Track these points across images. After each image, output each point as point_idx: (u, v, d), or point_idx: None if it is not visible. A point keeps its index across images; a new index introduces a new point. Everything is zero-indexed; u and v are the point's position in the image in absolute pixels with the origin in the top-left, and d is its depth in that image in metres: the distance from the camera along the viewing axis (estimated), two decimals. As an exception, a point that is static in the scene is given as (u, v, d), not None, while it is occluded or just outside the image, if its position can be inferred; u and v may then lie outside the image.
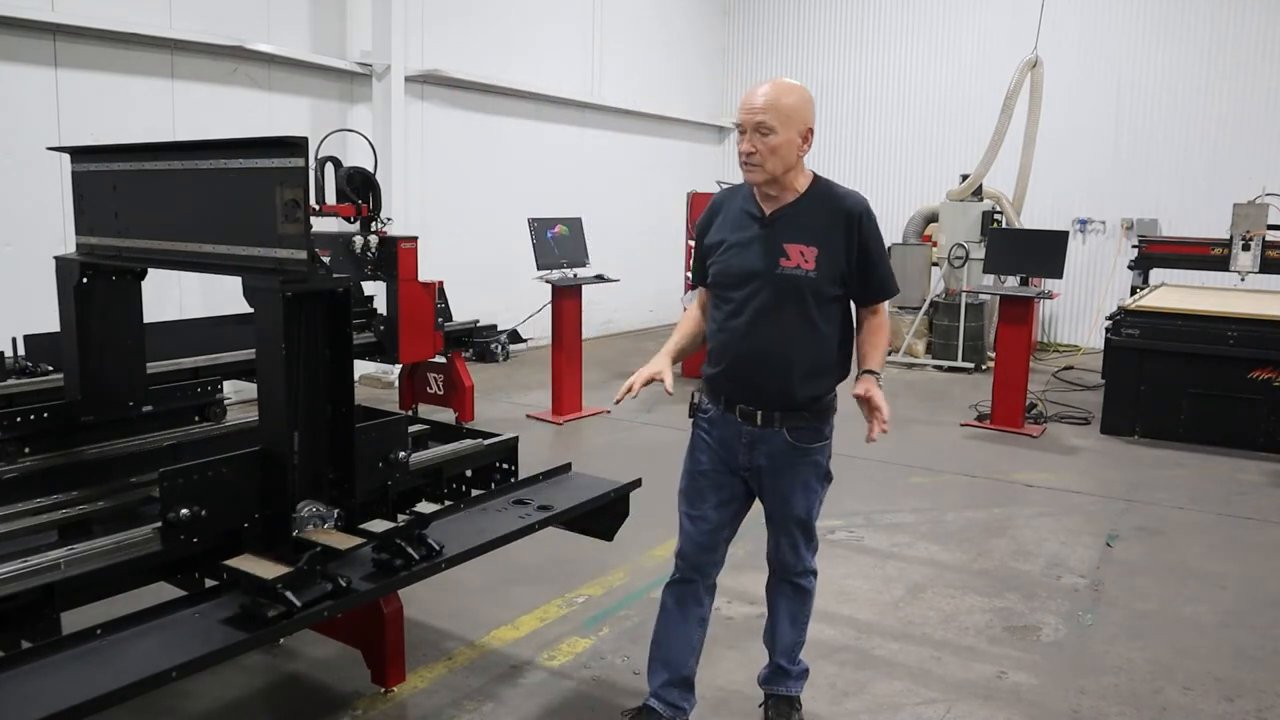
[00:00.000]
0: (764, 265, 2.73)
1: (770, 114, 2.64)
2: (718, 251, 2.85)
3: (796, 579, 3.04)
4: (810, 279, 2.69)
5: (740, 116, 2.70)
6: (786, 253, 2.71)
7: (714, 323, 2.87)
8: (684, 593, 2.97)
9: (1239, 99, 10.67)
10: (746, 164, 2.69)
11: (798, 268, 2.70)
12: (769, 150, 2.65)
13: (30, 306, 4.42)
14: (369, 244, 4.92)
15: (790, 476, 2.84)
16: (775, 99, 2.65)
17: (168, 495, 2.42)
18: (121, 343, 3.26)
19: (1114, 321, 7.49)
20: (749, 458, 2.83)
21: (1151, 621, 4.06)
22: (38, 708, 1.90)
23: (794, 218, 2.75)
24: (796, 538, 2.96)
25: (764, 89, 2.67)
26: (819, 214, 2.74)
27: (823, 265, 2.70)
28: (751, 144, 2.66)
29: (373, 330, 5.11)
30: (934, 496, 5.69)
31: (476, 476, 3.61)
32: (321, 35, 8.31)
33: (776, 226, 2.75)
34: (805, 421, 2.80)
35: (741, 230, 2.81)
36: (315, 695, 3.31)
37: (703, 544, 2.92)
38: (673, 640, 2.99)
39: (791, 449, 2.80)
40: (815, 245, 2.70)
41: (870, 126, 12.62)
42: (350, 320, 2.72)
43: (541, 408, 7.62)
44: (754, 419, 2.79)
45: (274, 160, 2.48)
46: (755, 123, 2.65)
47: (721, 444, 2.87)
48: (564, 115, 11.05)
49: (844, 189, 2.81)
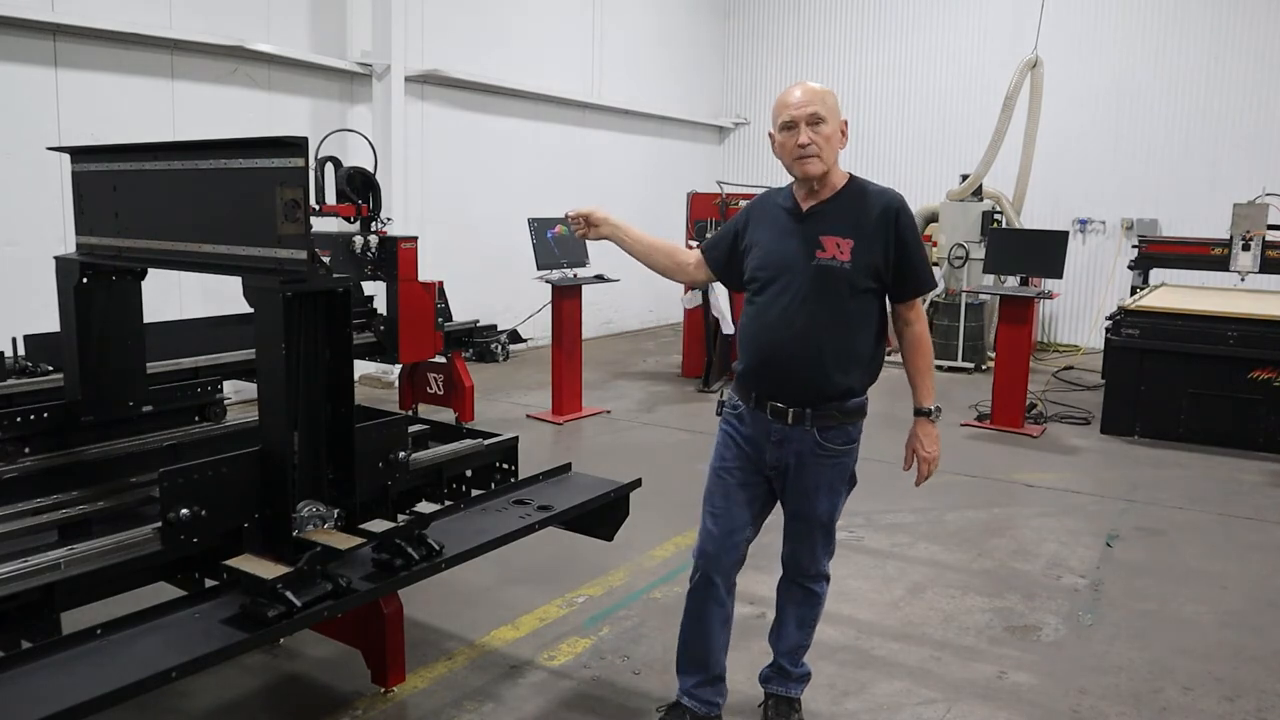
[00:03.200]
0: (801, 256, 2.75)
1: (819, 105, 2.70)
2: (755, 246, 2.87)
3: (809, 583, 3.03)
4: (845, 270, 2.71)
5: (788, 114, 2.72)
6: (823, 244, 2.73)
7: (746, 318, 2.88)
8: (706, 596, 2.95)
9: (1239, 99, 10.67)
10: (804, 156, 2.71)
11: (833, 259, 2.72)
12: (824, 140, 2.70)
13: (30, 306, 4.42)
14: (369, 244, 4.91)
15: (816, 477, 2.83)
16: (818, 92, 2.73)
17: (168, 495, 2.42)
18: (121, 343, 3.25)
19: (1114, 321, 7.49)
20: (777, 455, 2.82)
21: (1151, 621, 4.06)
22: (38, 708, 1.90)
23: (831, 212, 2.78)
24: (816, 540, 2.95)
25: (801, 87, 2.74)
26: (856, 208, 2.77)
27: (858, 257, 2.71)
28: (808, 135, 2.69)
29: (373, 330, 5.09)
30: (934, 496, 5.68)
31: (476, 476, 3.61)
32: (321, 35, 8.31)
33: (814, 220, 2.78)
34: (836, 421, 2.79)
35: (778, 225, 2.84)
36: (315, 695, 3.31)
37: (724, 542, 2.90)
38: (701, 643, 2.98)
39: (819, 449, 2.80)
40: (851, 238, 2.72)
41: (870, 126, 12.61)
42: (350, 320, 2.72)
43: (541, 408, 7.62)
44: (784, 416, 2.78)
45: (274, 160, 2.48)
46: (809, 114, 2.69)
47: (749, 441, 2.86)
48: (564, 115, 11.05)
49: (879, 185, 2.85)
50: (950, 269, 10.03)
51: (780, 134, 2.77)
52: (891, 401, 4.77)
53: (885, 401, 3.68)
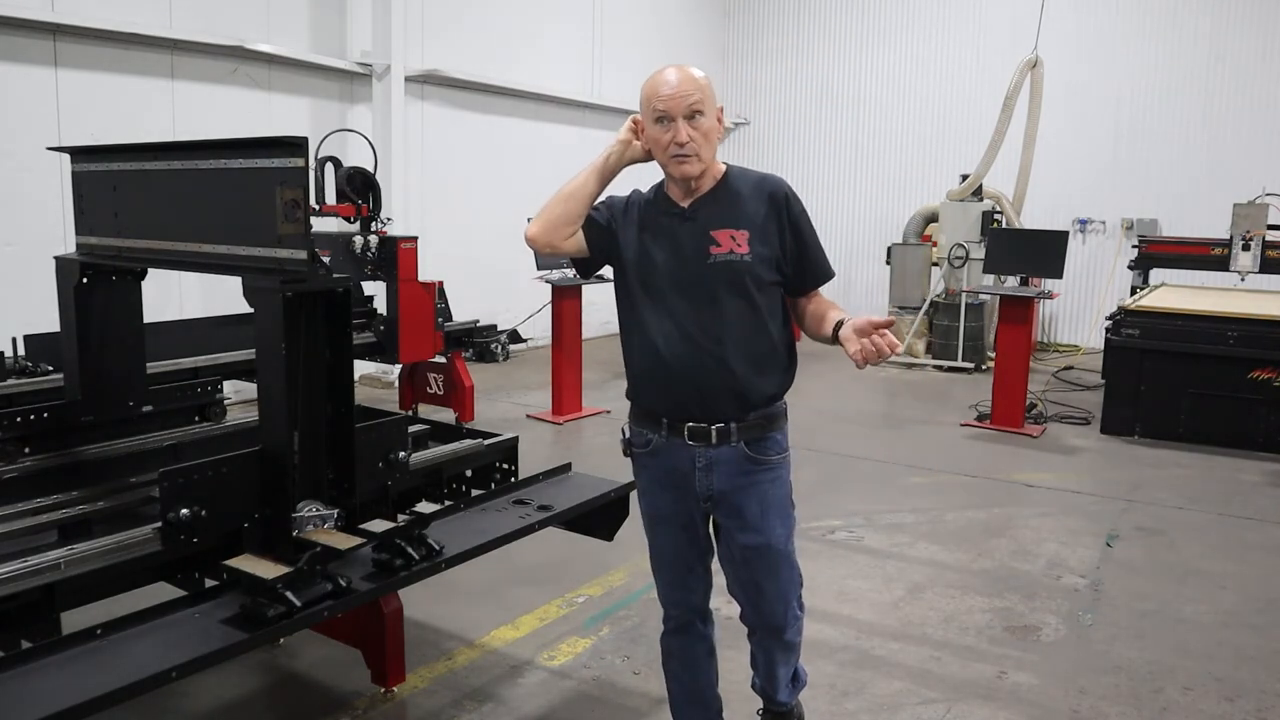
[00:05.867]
0: (692, 257, 2.42)
1: (697, 94, 2.34)
2: (629, 255, 2.51)
3: (786, 634, 2.68)
4: (746, 262, 2.39)
5: (662, 104, 2.35)
6: (715, 239, 2.41)
7: (637, 336, 2.50)
8: (686, 638, 2.73)
9: (1239, 99, 10.66)
10: (679, 156, 2.35)
11: (730, 253, 2.40)
12: (703, 136, 2.37)
13: (30, 306, 4.42)
14: (369, 244, 4.92)
15: (758, 499, 2.50)
16: (696, 78, 2.36)
17: (168, 495, 2.42)
18: (121, 343, 3.25)
19: (1114, 321, 7.48)
20: (706, 484, 2.48)
21: (1151, 621, 4.06)
22: (38, 708, 1.90)
23: (716, 204, 2.45)
24: (777, 578, 2.58)
25: (674, 71, 2.37)
26: (742, 197, 2.45)
27: (755, 248, 2.40)
28: (687, 131, 2.34)
29: (373, 330, 5.10)
30: (934, 496, 5.69)
31: (476, 476, 3.61)
32: (321, 35, 8.31)
33: (699, 216, 2.44)
34: (762, 431, 2.48)
35: (657, 230, 2.48)
36: (315, 695, 3.31)
37: (689, 588, 2.66)
38: (691, 685, 2.78)
39: (752, 464, 2.47)
40: (745, 228, 2.42)
41: (870, 126, 12.61)
42: (350, 320, 2.72)
43: (541, 408, 7.62)
44: (707, 437, 2.44)
45: (274, 160, 2.48)
46: (686, 106, 2.33)
47: (672, 474, 2.52)
48: (564, 115, 11.05)
49: (760, 172, 2.55)
50: (950, 269, 10.04)
51: (653, 127, 2.39)
52: (891, 401, 4.77)
53: (885, 401, 3.75)
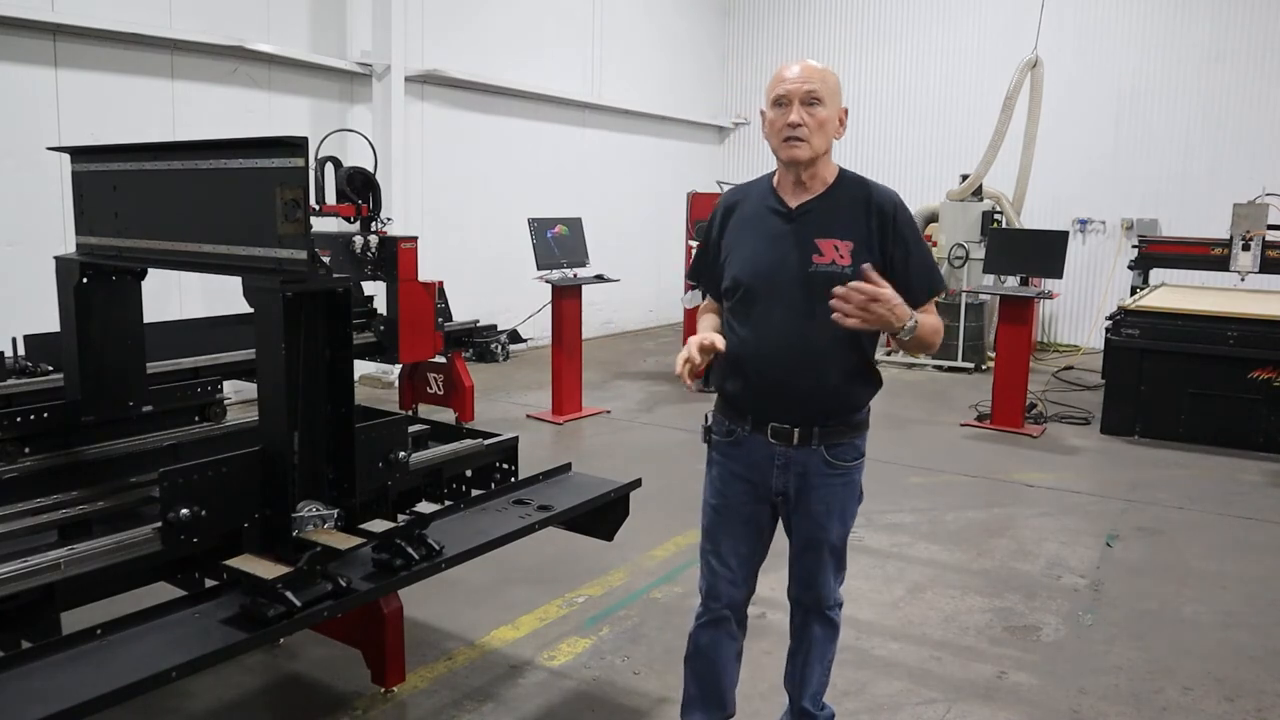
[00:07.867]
0: (794, 263, 2.45)
1: (818, 84, 2.40)
2: (736, 253, 2.55)
3: (830, 612, 2.77)
4: (847, 276, 2.36)
5: (782, 88, 2.42)
6: (819, 248, 2.44)
7: (735, 334, 2.54)
8: (718, 634, 2.73)
9: (1239, 99, 10.67)
10: (791, 139, 2.41)
11: (832, 264, 2.42)
12: (817, 124, 2.41)
13: (30, 306, 4.41)
14: (369, 244, 4.91)
15: (827, 500, 2.57)
16: (819, 70, 2.43)
17: (168, 495, 2.42)
18: (121, 343, 3.25)
19: (1114, 321, 7.49)
20: (782, 481, 2.56)
21: (1151, 621, 4.06)
22: (38, 708, 1.90)
23: (824, 210, 2.48)
24: (828, 567, 2.68)
25: (801, 64, 2.44)
26: (851, 206, 2.48)
27: (859, 261, 2.38)
28: (799, 115, 2.39)
29: (373, 330, 5.09)
30: (934, 496, 5.69)
31: (476, 476, 3.61)
32: (321, 35, 8.31)
33: (805, 220, 2.47)
34: (844, 437, 2.55)
35: (763, 228, 2.52)
36: (315, 695, 3.31)
37: (736, 582, 2.69)
38: (713, 682, 2.77)
39: (829, 468, 2.55)
40: (850, 239, 2.44)
41: (870, 126, 12.60)
42: (350, 320, 2.72)
43: (541, 408, 7.62)
44: (789, 438, 2.51)
45: (274, 160, 2.47)
46: (805, 92, 2.39)
47: (750, 468, 2.59)
48: (564, 115, 11.05)
49: (875, 182, 2.56)
50: (950, 269, 10.04)
51: (771, 110, 2.47)
52: (891, 401, 4.77)
53: (885, 401, 3.68)
